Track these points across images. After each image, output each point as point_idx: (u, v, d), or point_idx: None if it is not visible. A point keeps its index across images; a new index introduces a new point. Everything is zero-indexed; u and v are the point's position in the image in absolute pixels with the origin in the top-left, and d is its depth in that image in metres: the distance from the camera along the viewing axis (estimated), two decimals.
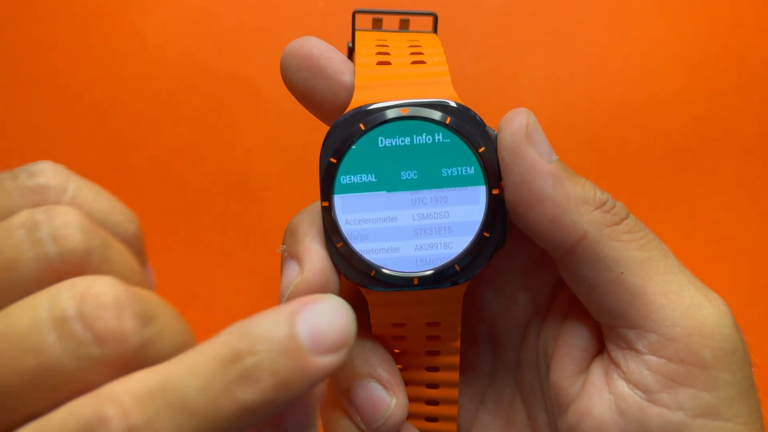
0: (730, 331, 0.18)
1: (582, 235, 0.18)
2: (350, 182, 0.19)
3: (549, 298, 0.22)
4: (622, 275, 0.18)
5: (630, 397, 0.19)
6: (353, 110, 0.19)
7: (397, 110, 0.19)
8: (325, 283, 0.19)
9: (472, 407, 0.23)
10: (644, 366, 0.18)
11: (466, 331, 0.23)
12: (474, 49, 0.42)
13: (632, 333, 0.19)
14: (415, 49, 0.20)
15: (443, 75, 0.20)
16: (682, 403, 0.18)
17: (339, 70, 0.19)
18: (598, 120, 0.41)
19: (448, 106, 0.19)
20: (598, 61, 0.42)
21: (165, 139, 0.42)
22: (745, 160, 0.41)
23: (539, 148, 0.19)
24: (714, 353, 0.18)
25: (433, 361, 0.21)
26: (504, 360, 0.23)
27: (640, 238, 0.19)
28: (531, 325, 0.22)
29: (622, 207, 0.19)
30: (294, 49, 0.19)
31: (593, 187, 0.19)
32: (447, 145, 0.19)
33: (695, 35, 0.41)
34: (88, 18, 0.43)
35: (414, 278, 0.19)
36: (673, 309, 0.18)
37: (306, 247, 0.19)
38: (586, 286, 0.19)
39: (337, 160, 0.19)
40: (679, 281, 0.19)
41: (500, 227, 0.19)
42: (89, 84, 0.43)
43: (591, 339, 0.20)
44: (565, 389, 0.20)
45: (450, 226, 0.19)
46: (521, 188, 0.18)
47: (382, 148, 0.19)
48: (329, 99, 0.20)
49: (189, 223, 0.42)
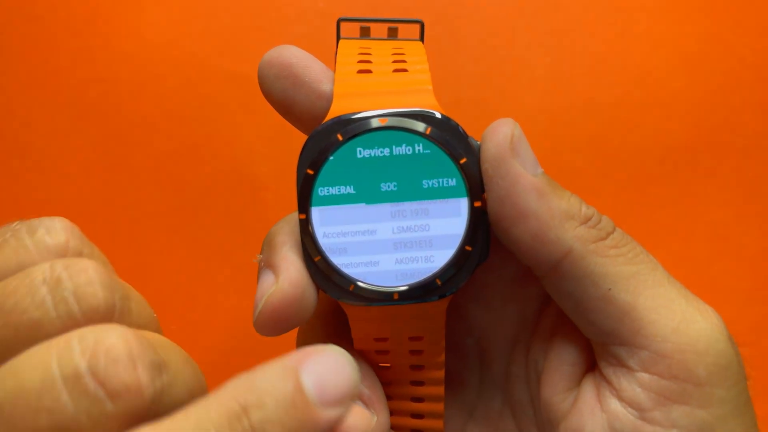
0: (724, 346, 0.18)
1: (567, 251, 0.18)
2: (328, 194, 0.18)
3: (537, 312, 0.21)
4: (610, 291, 0.18)
5: (623, 415, 0.18)
6: (331, 120, 0.18)
7: (375, 120, 0.18)
8: (301, 294, 0.18)
9: (460, 420, 0.23)
10: (636, 383, 0.18)
11: (452, 344, 0.22)
12: (474, 49, 0.42)
13: (623, 350, 0.18)
14: (399, 57, 0.20)
15: (425, 84, 0.19)
16: (676, 421, 0.17)
17: (318, 78, 0.19)
18: (598, 120, 0.41)
19: (429, 116, 0.18)
20: (598, 61, 0.42)
21: (165, 139, 0.42)
22: (745, 160, 0.41)
23: (524, 160, 0.18)
24: (708, 369, 0.17)
25: (417, 376, 0.21)
26: (492, 373, 0.23)
27: (627, 252, 0.18)
28: (519, 339, 0.22)
29: (608, 221, 0.19)
30: (272, 57, 0.19)
31: (579, 201, 0.18)
32: (428, 156, 0.18)
33: (695, 35, 0.41)
34: (88, 18, 0.43)
35: (394, 293, 0.18)
36: (664, 324, 0.18)
37: (283, 256, 0.19)
38: (573, 303, 0.19)
39: (314, 172, 0.18)
40: (669, 295, 0.18)
41: (483, 240, 0.19)
42: (89, 84, 0.43)
43: (581, 354, 0.20)
44: (555, 405, 0.20)
45: (431, 239, 0.18)
46: (505, 202, 0.18)
47: (361, 159, 0.18)
48: (308, 108, 0.19)
49: (189, 223, 0.42)
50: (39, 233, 0.15)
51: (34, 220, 0.15)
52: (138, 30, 0.43)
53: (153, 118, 0.43)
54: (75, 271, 0.14)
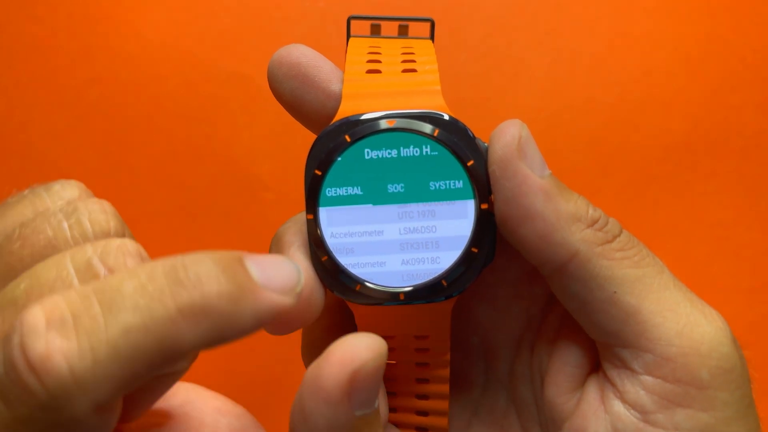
0: (728, 349, 0.18)
1: (573, 253, 0.18)
2: (336, 195, 0.19)
3: (542, 312, 0.22)
4: (616, 294, 0.18)
5: (626, 417, 0.18)
6: (339, 121, 0.18)
7: (383, 122, 0.18)
8: (309, 293, 0.18)
9: (464, 418, 0.23)
10: (640, 386, 0.18)
11: (458, 342, 0.23)
12: (474, 49, 0.42)
13: (627, 352, 0.18)
14: (408, 57, 0.20)
15: (433, 84, 0.19)
16: (679, 424, 0.17)
17: (327, 78, 0.19)
18: (598, 120, 0.41)
19: (437, 117, 0.18)
20: (598, 61, 0.42)
21: (165, 139, 0.42)
22: (745, 160, 0.41)
23: (531, 162, 0.18)
24: (711, 372, 0.17)
25: (422, 373, 0.21)
26: (497, 372, 0.23)
27: (634, 255, 0.18)
28: (524, 338, 0.22)
29: (615, 223, 0.19)
30: (281, 57, 0.19)
31: (586, 203, 0.18)
32: (435, 158, 0.18)
33: (695, 35, 0.41)
34: (88, 18, 0.43)
35: (400, 293, 0.19)
36: (669, 328, 0.18)
37: (290, 256, 0.19)
38: (579, 304, 0.19)
39: (322, 173, 0.19)
40: (674, 298, 0.18)
41: (489, 242, 0.19)
42: (89, 84, 0.43)
43: (586, 355, 0.20)
44: (559, 406, 0.20)
45: (437, 240, 0.19)
46: (511, 204, 0.18)
47: (369, 160, 0.18)
48: (317, 108, 0.19)
49: (189, 223, 0.42)
50: (54, 188, 0.17)
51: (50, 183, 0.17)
52: (138, 30, 0.43)
53: (153, 118, 0.43)
54: (89, 203, 0.16)
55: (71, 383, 0.12)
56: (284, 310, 0.14)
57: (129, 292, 0.12)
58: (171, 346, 0.13)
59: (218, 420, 0.19)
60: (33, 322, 0.12)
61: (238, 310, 0.13)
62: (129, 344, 0.12)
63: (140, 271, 0.13)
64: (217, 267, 0.13)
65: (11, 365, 0.12)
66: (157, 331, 0.12)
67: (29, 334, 0.12)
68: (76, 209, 0.15)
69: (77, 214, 0.15)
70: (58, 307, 0.12)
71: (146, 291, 0.12)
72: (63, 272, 0.14)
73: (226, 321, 0.13)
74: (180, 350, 0.13)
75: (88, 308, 0.12)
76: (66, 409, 0.12)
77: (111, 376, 0.12)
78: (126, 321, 0.12)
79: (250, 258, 0.14)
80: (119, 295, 0.12)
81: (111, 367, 0.12)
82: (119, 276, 0.13)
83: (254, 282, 0.14)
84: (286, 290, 0.14)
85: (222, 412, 0.19)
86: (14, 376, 0.12)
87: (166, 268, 0.13)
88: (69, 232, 0.15)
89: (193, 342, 0.13)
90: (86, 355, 0.12)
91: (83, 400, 0.12)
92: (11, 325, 0.12)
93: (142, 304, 0.12)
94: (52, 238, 0.15)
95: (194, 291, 0.13)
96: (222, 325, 0.13)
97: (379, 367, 0.15)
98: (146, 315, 0.12)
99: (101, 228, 0.15)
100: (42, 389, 0.12)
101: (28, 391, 0.12)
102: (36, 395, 0.12)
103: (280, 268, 0.15)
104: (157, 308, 0.12)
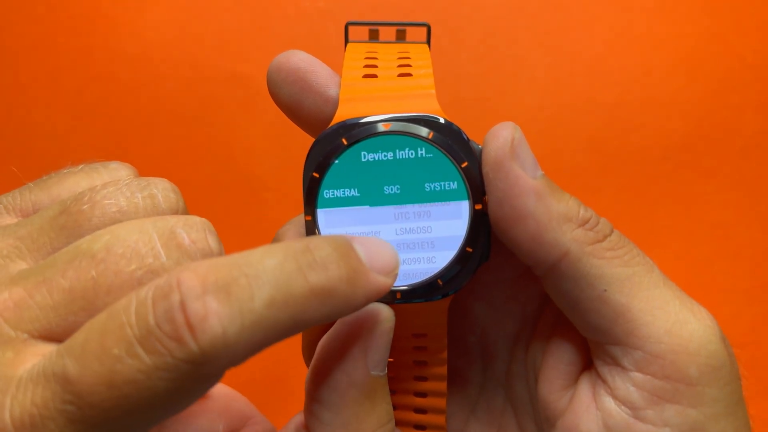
0: (717, 347, 0.18)
1: (564, 252, 0.18)
2: (333, 197, 0.19)
3: (537, 310, 0.22)
4: (606, 293, 0.18)
5: (617, 413, 0.18)
6: (336, 125, 0.19)
7: (380, 125, 0.19)
8: None
9: (462, 416, 0.23)
10: (630, 383, 0.18)
11: (455, 341, 0.23)
12: (473, 50, 0.42)
13: (618, 350, 0.18)
14: (404, 61, 0.20)
15: (428, 88, 0.19)
16: (668, 420, 0.18)
17: (325, 83, 0.20)
18: (598, 120, 0.41)
19: (432, 120, 0.19)
20: (598, 61, 0.42)
21: (165, 138, 0.42)
22: (745, 160, 0.41)
23: (524, 163, 0.18)
24: (700, 369, 0.18)
25: (420, 371, 0.21)
26: (494, 370, 0.23)
27: (624, 254, 0.19)
28: (520, 337, 0.22)
29: (606, 223, 0.19)
30: (280, 63, 0.20)
31: (577, 203, 0.19)
32: (430, 160, 0.19)
33: (695, 35, 0.41)
34: (88, 18, 0.43)
35: (397, 292, 0.19)
36: (658, 326, 0.18)
37: None
38: (570, 302, 0.19)
39: (320, 175, 0.19)
40: (663, 297, 0.18)
41: (484, 242, 0.19)
42: (89, 84, 0.43)
43: (578, 353, 0.20)
44: (553, 403, 0.20)
45: (433, 240, 0.19)
46: (504, 204, 0.18)
47: (365, 162, 0.19)
48: (315, 112, 0.20)
49: None
50: (112, 165, 0.18)
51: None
52: (138, 30, 0.43)
53: (153, 118, 0.43)
54: (159, 181, 0.17)
55: (221, 344, 0.13)
56: (386, 290, 0.15)
57: (270, 267, 0.14)
58: (300, 320, 0.14)
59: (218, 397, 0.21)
60: (191, 284, 0.13)
61: (354, 291, 0.15)
62: (270, 316, 0.13)
63: (276, 250, 0.14)
64: (336, 252, 0.15)
65: (170, 320, 0.13)
66: (294, 306, 0.14)
67: (189, 294, 0.13)
68: (149, 184, 0.16)
69: (150, 188, 0.16)
70: (212, 273, 0.13)
71: (284, 269, 0.14)
72: (145, 236, 0.14)
73: (343, 302, 0.15)
74: (305, 325, 0.14)
75: (236, 279, 0.13)
76: (208, 366, 0.13)
77: (251, 343, 0.13)
78: (270, 294, 0.13)
79: (357, 241, 0.15)
80: (263, 270, 0.13)
81: (253, 334, 0.13)
82: (258, 252, 0.14)
83: (364, 265, 0.15)
84: (387, 271, 0.16)
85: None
86: (170, 329, 0.12)
87: (298, 250, 0.14)
88: (142, 202, 0.16)
89: (317, 319, 0.14)
90: (236, 320, 0.13)
91: (224, 360, 0.13)
92: (165, 284, 0.13)
93: (282, 281, 0.14)
94: (124, 206, 0.16)
95: (322, 274, 0.14)
96: (340, 305, 0.15)
97: (391, 329, 0.18)
98: (286, 292, 0.14)
99: (170, 205, 0.16)
100: (195, 346, 0.12)
101: (182, 344, 0.12)
102: (188, 349, 0.12)
103: (382, 250, 0.16)
104: (295, 286, 0.14)
